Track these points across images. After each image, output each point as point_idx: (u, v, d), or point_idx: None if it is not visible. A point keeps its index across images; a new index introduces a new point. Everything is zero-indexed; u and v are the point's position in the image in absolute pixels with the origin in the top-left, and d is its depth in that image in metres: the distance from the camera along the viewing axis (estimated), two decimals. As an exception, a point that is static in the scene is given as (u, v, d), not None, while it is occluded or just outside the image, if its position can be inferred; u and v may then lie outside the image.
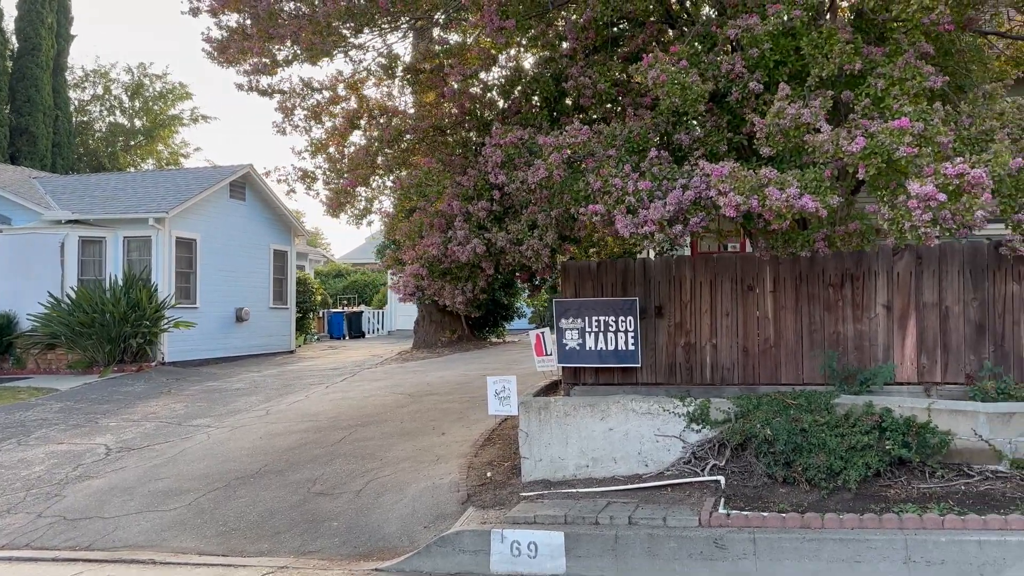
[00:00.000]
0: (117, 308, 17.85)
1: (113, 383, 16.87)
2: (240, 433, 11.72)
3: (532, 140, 6.31)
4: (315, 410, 13.10)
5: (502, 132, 6.41)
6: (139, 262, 19.44)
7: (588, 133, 5.97)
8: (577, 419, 7.56)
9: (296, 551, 7.39)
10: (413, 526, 7.49)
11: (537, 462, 7.68)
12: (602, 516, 6.56)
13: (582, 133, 5.96)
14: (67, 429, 12.80)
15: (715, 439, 7.14)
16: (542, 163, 5.99)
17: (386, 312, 36.60)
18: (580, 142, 5.93)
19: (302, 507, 8.39)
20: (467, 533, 6.62)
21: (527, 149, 6.30)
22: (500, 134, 6.40)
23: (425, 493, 8.19)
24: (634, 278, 7.76)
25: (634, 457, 7.41)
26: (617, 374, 7.82)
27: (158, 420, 13.21)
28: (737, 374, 7.56)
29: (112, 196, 21.20)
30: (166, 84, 40.03)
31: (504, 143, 6.31)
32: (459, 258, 7.07)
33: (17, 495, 9.58)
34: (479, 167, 7.17)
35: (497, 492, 7.71)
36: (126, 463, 10.57)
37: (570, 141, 5.93)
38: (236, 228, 22.24)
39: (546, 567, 6.37)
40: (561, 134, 6.05)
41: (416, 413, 12.16)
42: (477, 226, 6.99)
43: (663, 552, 6.17)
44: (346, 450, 10.24)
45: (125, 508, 8.82)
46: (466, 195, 7.03)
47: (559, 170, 5.93)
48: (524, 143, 6.30)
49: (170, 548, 7.67)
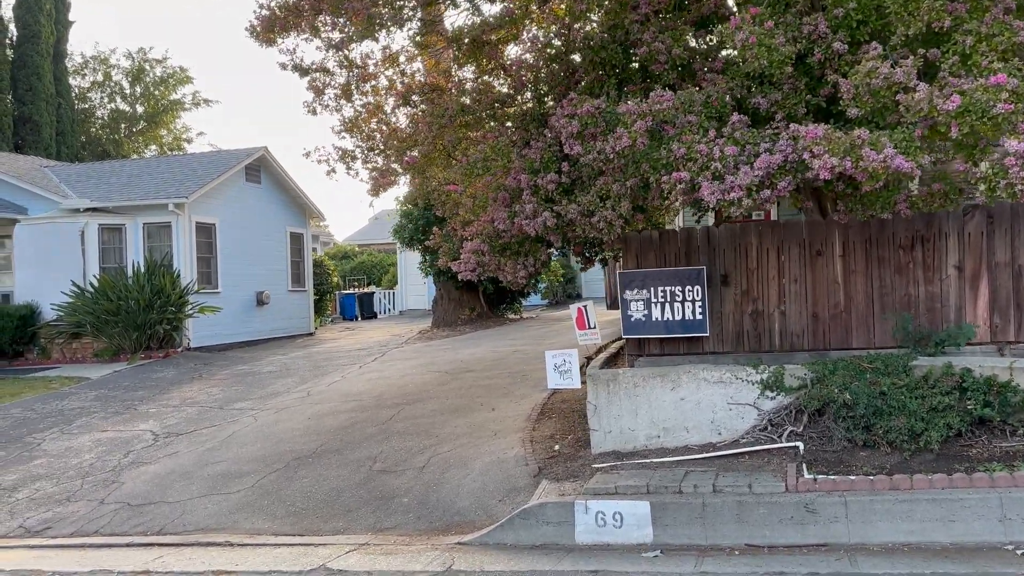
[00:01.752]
0: (142, 295, 17.79)
1: (143, 370, 16.85)
2: (287, 415, 11.72)
3: (609, 110, 6.23)
4: (356, 390, 13.10)
5: (577, 102, 6.33)
6: (159, 248, 19.34)
7: (672, 99, 5.89)
8: (647, 390, 7.55)
9: (371, 527, 7.41)
10: (487, 500, 7.50)
11: (606, 434, 7.68)
12: (685, 485, 6.57)
13: (666, 99, 5.88)
14: (107, 416, 12.80)
15: (790, 405, 7.13)
16: (624, 131, 5.91)
17: (397, 292, 36.59)
18: (665, 109, 5.85)
19: (367, 485, 8.40)
20: (550, 505, 6.62)
21: (603, 119, 6.22)
22: (576, 103, 6.31)
23: (492, 468, 8.20)
24: (698, 247, 7.72)
25: (706, 426, 7.42)
26: (683, 344, 7.80)
27: (198, 405, 13.20)
28: (807, 340, 7.54)
29: (128, 183, 21.06)
30: (166, 69, 39.65)
31: (580, 113, 6.23)
32: (527, 232, 7.00)
33: (73, 483, 9.58)
34: (545, 139, 7.09)
35: (568, 465, 7.71)
36: (177, 448, 10.57)
37: (655, 108, 5.85)
38: (253, 212, 22.13)
39: (632, 537, 6.38)
40: (643, 101, 5.97)
41: (459, 390, 12.16)
42: (544, 199, 6.93)
43: (752, 518, 6.18)
44: (399, 428, 10.24)
45: (188, 492, 8.83)
46: (532, 168, 6.95)
47: (642, 138, 5.86)
48: (601, 112, 6.22)
49: (243, 530, 7.68)
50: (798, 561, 5.77)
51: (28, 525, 8.41)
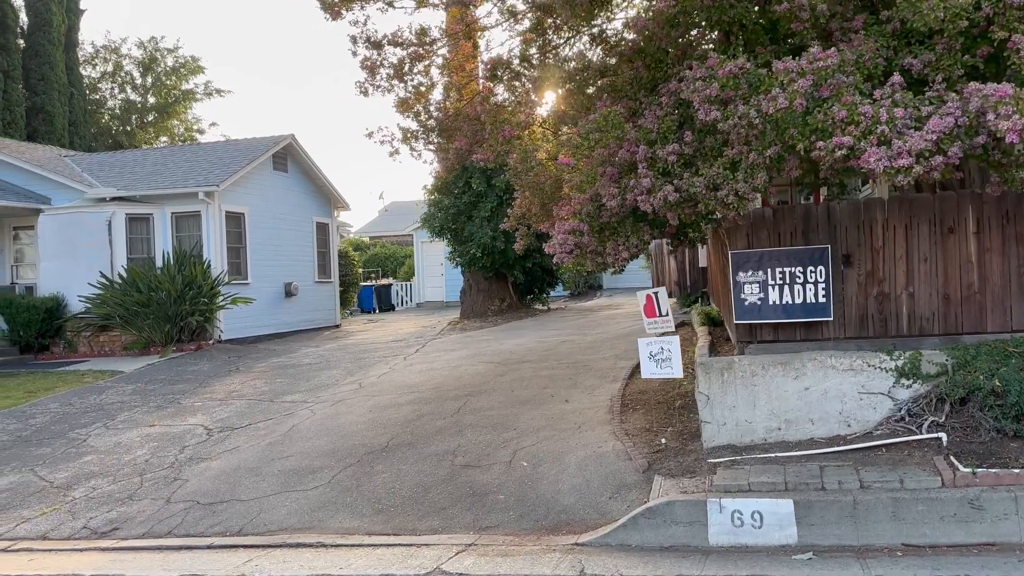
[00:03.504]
0: (173, 286, 17.28)
1: (176, 363, 16.34)
2: (346, 408, 11.21)
3: (753, 71, 5.71)
4: (410, 382, 12.59)
5: (718, 62, 5.81)
6: (188, 239, 18.83)
7: (836, 57, 5.37)
8: (767, 379, 7.04)
9: (471, 526, 6.91)
10: (595, 497, 7.00)
11: (720, 426, 7.18)
12: (828, 481, 6.07)
13: (830, 57, 5.36)
14: (151, 411, 12.29)
15: (929, 394, 6.63)
16: (781, 92, 5.40)
17: (414, 284, 36.10)
18: (828, 67, 5.33)
19: (454, 481, 7.90)
20: (679, 503, 6.12)
21: (746, 80, 5.70)
22: (718, 63, 5.79)
23: (590, 462, 7.70)
24: (816, 224, 7.20)
25: (834, 417, 6.91)
26: (799, 329, 7.29)
27: (245, 398, 12.69)
28: (937, 324, 7.03)
29: (154, 172, 20.52)
30: (178, 58, 39.04)
31: (722, 74, 5.70)
32: (642, 208, 6.49)
33: (132, 480, 9.08)
34: (660, 107, 6.57)
35: (679, 459, 7.21)
36: (236, 443, 10.06)
37: (817, 66, 5.33)
38: (280, 201, 21.60)
39: (773, 537, 5.88)
40: (800, 59, 5.46)
41: (519, 382, 11.66)
42: (661, 172, 6.40)
43: (910, 516, 5.69)
44: (469, 421, 9.74)
45: (260, 489, 8.33)
46: (648, 139, 6.43)
47: (800, 99, 5.34)
48: (744, 73, 5.70)
49: (331, 529, 7.18)
50: (972, 563, 5.28)
51: (93, 526, 7.91)
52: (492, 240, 21.02)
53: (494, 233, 21.04)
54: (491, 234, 20.99)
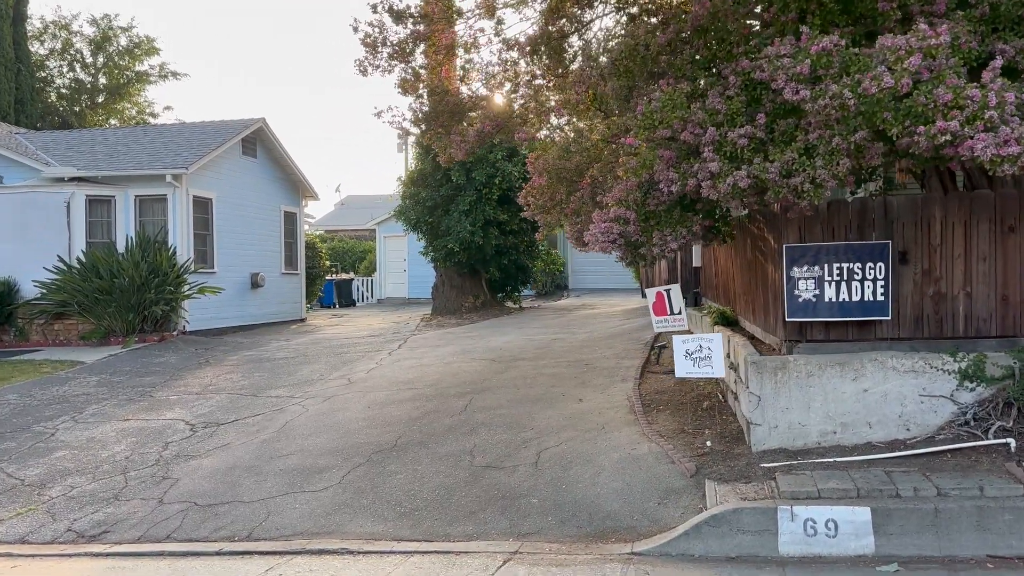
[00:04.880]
0: (137, 272, 16.32)
1: (141, 354, 15.40)
2: (340, 403, 10.56)
3: (847, 50, 5.34)
4: (404, 378, 11.99)
5: (811, 38, 5.42)
6: (152, 224, 17.84)
7: (947, 34, 5.03)
8: (822, 380, 6.70)
9: (509, 533, 6.40)
10: (641, 502, 6.56)
11: (772, 429, 6.81)
12: (902, 488, 5.73)
13: (942, 34, 5.01)
14: (122, 404, 11.45)
15: (995, 397, 6.38)
16: (887, 71, 5.04)
17: (375, 280, 35.32)
18: (939, 45, 4.98)
19: (478, 483, 7.38)
20: (747, 511, 5.72)
21: (839, 59, 5.33)
22: (810, 39, 5.40)
23: (626, 465, 7.26)
24: (873, 219, 6.89)
25: (893, 421, 6.60)
26: (852, 329, 6.97)
27: (224, 392, 11.93)
28: (994, 325, 6.78)
29: (115, 152, 19.42)
30: (132, 38, 37.45)
31: (814, 51, 5.32)
32: (708, 195, 6.08)
33: (114, 479, 8.33)
34: (725, 86, 6.16)
35: (729, 463, 6.82)
36: (226, 439, 9.35)
37: (928, 44, 4.98)
38: (248, 187, 20.69)
39: (849, 547, 5.52)
40: (908, 36, 5.10)
41: (522, 380, 11.17)
42: (728, 157, 6.00)
43: (996, 526, 5.39)
44: (480, 419, 9.22)
45: (263, 490, 7.67)
46: (715, 121, 6.02)
47: (907, 79, 4.99)
48: (838, 51, 5.33)
49: (354, 534, 6.59)
50: (1069, 576, 4.99)
51: (79, 528, 7.16)
52: (471, 235, 20.49)
53: (473, 227, 20.52)
54: (470, 228, 20.46)
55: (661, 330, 10.65)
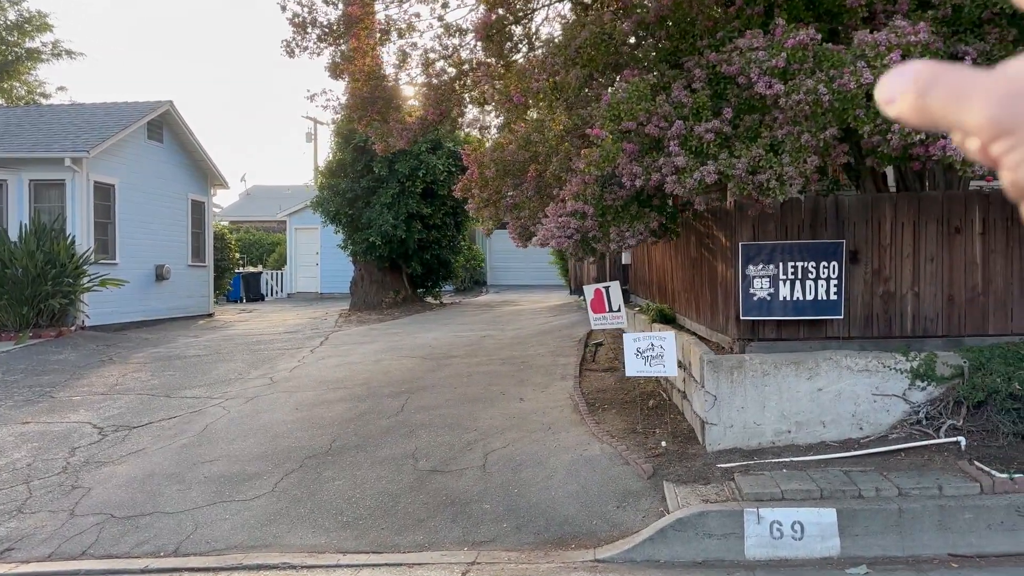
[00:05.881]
0: (32, 262, 15.09)
1: (37, 351, 14.24)
2: (265, 404, 9.97)
3: (820, 45, 5.24)
4: (330, 377, 11.45)
5: (786, 31, 5.29)
6: (49, 210, 16.54)
7: (926, 31, 4.98)
8: (778, 379, 6.65)
9: (463, 542, 6.08)
10: (599, 506, 6.35)
11: (727, 428, 6.72)
12: (865, 488, 5.71)
13: (921, 31, 4.95)
14: (19, 405, 10.51)
15: (945, 396, 6.46)
16: (865, 66, 4.96)
17: (286, 274, 34.10)
18: (918, 43, 4.92)
19: (424, 488, 7.03)
20: (713, 514, 5.58)
21: (813, 54, 5.23)
22: (785, 32, 5.27)
23: (579, 467, 7.04)
24: (825, 219, 6.90)
25: (847, 420, 6.61)
26: (803, 328, 6.96)
27: (133, 392, 11.11)
28: (940, 325, 6.89)
29: (7, 132, 17.92)
30: (22, 12, 34.91)
31: (790, 45, 5.19)
32: (673, 190, 5.90)
33: (15, 489, 7.56)
34: (688, 80, 6.00)
35: (686, 464, 6.69)
36: (140, 444, 8.66)
37: (907, 41, 4.91)
38: (154, 174, 19.50)
39: (815, 549, 5.46)
40: (891, 33, 5.03)
41: (457, 378, 10.83)
42: (694, 151, 5.85)
43: (956, 525, 5.42)
44: (419, 420, 8.84)
45: (188, 500, 7.09)
46: (681, 114, 5.86)
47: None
48: (814, 44, 5.21)
49: (294, 547, 6.13)
50: (1030, 573, 5.05)
51: (-22, 546, 6.41)
52: (393, 228, 19.95)
53: (395, 221, 19.99)
54: (392, 222, 19.91)
55: (599, 327, 10.50)
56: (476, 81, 8.17)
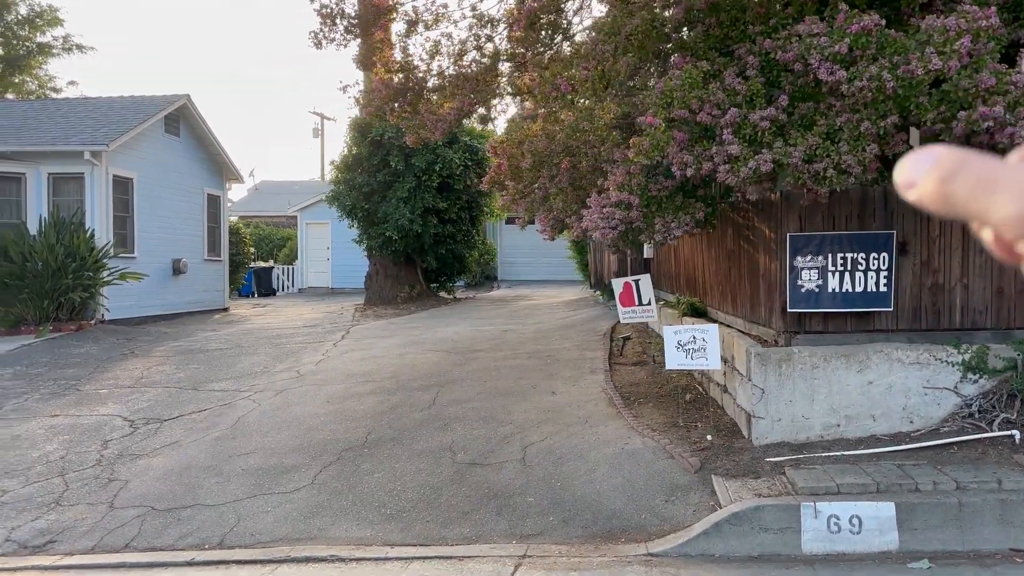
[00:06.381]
0: (53, 256, 15.04)
1: (58, 344, 14.20)
2: (296, 397, 9.91)
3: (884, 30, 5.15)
4: (357, 370, 11.39)
5: (849, 17, 5.20)
6: (68, 204, 16.48)
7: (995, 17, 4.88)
8: (827, 372, 6.57)
9: (510, 535, 6.02)
10: (647, 500, 6.28)
11: (775, 422, 6.65)
12: (922, 482, 5.63)
13: (991, 16, 4.85)
14: (45, 399, 10.47)
15: (998, 389, 6.38)
16: (933, 52, 4.87)
17: (296, 268, 34.04)
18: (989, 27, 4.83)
19: (464, 481, 6.97)
20: (769, 508, 5.51)
21: (876, 40, 5.14)
22: (847, 19, 5.18)
23: (622, 461, 6.97)
24: (874, 209, 6.81)
25: (897, 413, 6.54)
26: (851, 320, 6.87)
27: (160, 386, 11.07)
28: (989, 318, 6.80)
29: (24, 126, 17.89)
30: (33, 6, 34.88)
31: (853, 30, 5.11)
32: (722, 179, 5.83)
33: (51, 482, 7.51)
34: (739, 67, 5.92)
35: (733, 458, 6.62)
36: (173, 437, 8.61)
37: (979, 26, 4.82)
38: (171, 168, 19.45)
39: (873, 543, 5.39)
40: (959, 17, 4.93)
41: (485, 372, 10.76)
42: (747, 140, 5.77)
43: (1018, 519, 5.35)
44: (452, 413, 8.78)
45: (227, 492, 7.04)
46: (735, 102, 5.77)
47: (956, 61, 4.83)
48: (878, 29, 5.13)
49: (339, 539, 6.08)
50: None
51: (20, 538, 6.38)
52: (410, 222, 19.88)
53: (412, 215, 19.92)
54: (409, 216, 19.84)
55: (628, 321, 10.44)
56: (514, 70, 8.09)
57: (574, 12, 8.42)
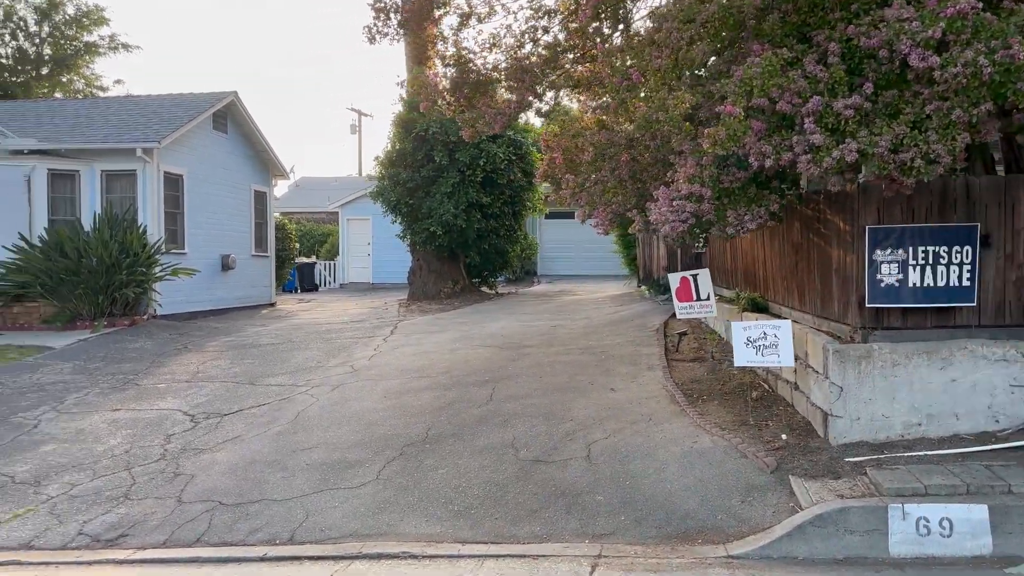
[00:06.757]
0: (107, 252, 15.25)
1: (113, 339, 14.40)
2: (352, 393, 9.91)
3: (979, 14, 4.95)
4: (410, 365, 11.37)
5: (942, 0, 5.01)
6: (120, 201, 16.68)
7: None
8: (908, 369, 6.36)
9: (581, 534, 5.91)
10: (721, 500, 6.13)
11: (853, 421, 6.45)
12: (1015, 483, 5.42)
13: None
14: (105, 393, 10.60)
15: (1090, 387, 6.12)
16: (1035, 35, 4.69)
17: (338, 264, 34.27)
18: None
19: (530, 478, 6.87)
20: (855, 510, 5.34)
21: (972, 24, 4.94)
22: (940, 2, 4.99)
23: (693, 460, 6.82)
24: (954, 201, 6.57)
25: (981, 412, 6.31)
26: (931, 316, 6.65)
27: (217, 380, 11.15)
28: (1078, 313, 6.54)
29: (77, 124, 18.18)
30: (80, 7, 35.51)
31: (950, 14, 4.92)
32: (802, 169, 5.66)
33: (119, 476, 7.58)
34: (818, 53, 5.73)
35: (811, 458, 6.44)
36: (235, 431, 8.65)
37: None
38: (219, 165, 19.64)
39: (965, 547, 5.19)
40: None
41: (539, 368, 10.66)
42: (829, 129, 5.58)
43: (1120, 523, 5.10)
44: (510, 410, 8.70)
45: (293, 487, 7.03)
46: (817, 90, 5.60)
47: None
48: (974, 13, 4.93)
49: (409, 536, 6.02)
50: None
51: (92, 532, 6.43)
52: (454, 218, 19.85)
53: (456, 210, 19.89)
54: (453, 211, 19.81)
55: (685, 316, 10.27)
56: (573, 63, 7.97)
57: (633, 0, 8.28)
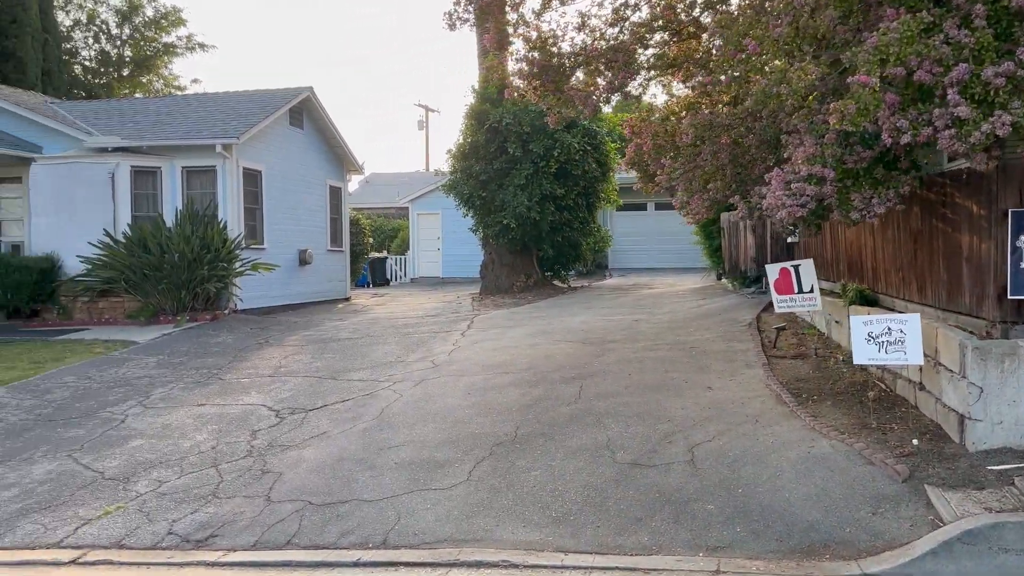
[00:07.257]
0: (188, 247, 15.40)
1: (195, 334, 14.53)
2: (435, 389, 9.64)
3: None
4: (491, 361, 11.05)
5: None
6: (200, 197, 16.85)
7: None
8: (1059, 367, 5.72)
9: (694, 546, 5.46)
10: (848, 512, 5.60)
11: (995, 425, 5.85)
12: None
13: None
14: (190, 388, 10.58)
15: None
16: None
17: (408, 259, 34.31)
18: None
19: (630, 483, 6.45)
20: (1011, 526, 4.76)
21: None
22: None
23: (811, 466, 6.29)
24: (1104, 181, 5.88)
25: None
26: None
27: (299, 375, 11.03)
28: None
29: (158, 122, 18.46)
30: (159, 8, 36.42)
31: None
32: (944, 146, 5.09)
33: (206, 472, 7.44)
34: (977, 16, 5.14)
35: (948, 465, 5.85)
36: (320, 428, 8.46)
37: None
38: (295, 160, 19.73)
39: None
40: None
41: (626, 364, 10.20)
42: (975, 100, 5.01)
43: None
44: (601, 408, 8.28)
45: (383, 487, 6.77)
46: (961, 57, 5.03)
47: None
48: None
49: (506, 542, 5.67)
50: None
51: (181, 531, 6.27)
52: (527, 210, 19.47)
53: (529, 203, 19.50)
54: (526, 203, 19.43)
55: (784, 310, 9.68)
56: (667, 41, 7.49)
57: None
